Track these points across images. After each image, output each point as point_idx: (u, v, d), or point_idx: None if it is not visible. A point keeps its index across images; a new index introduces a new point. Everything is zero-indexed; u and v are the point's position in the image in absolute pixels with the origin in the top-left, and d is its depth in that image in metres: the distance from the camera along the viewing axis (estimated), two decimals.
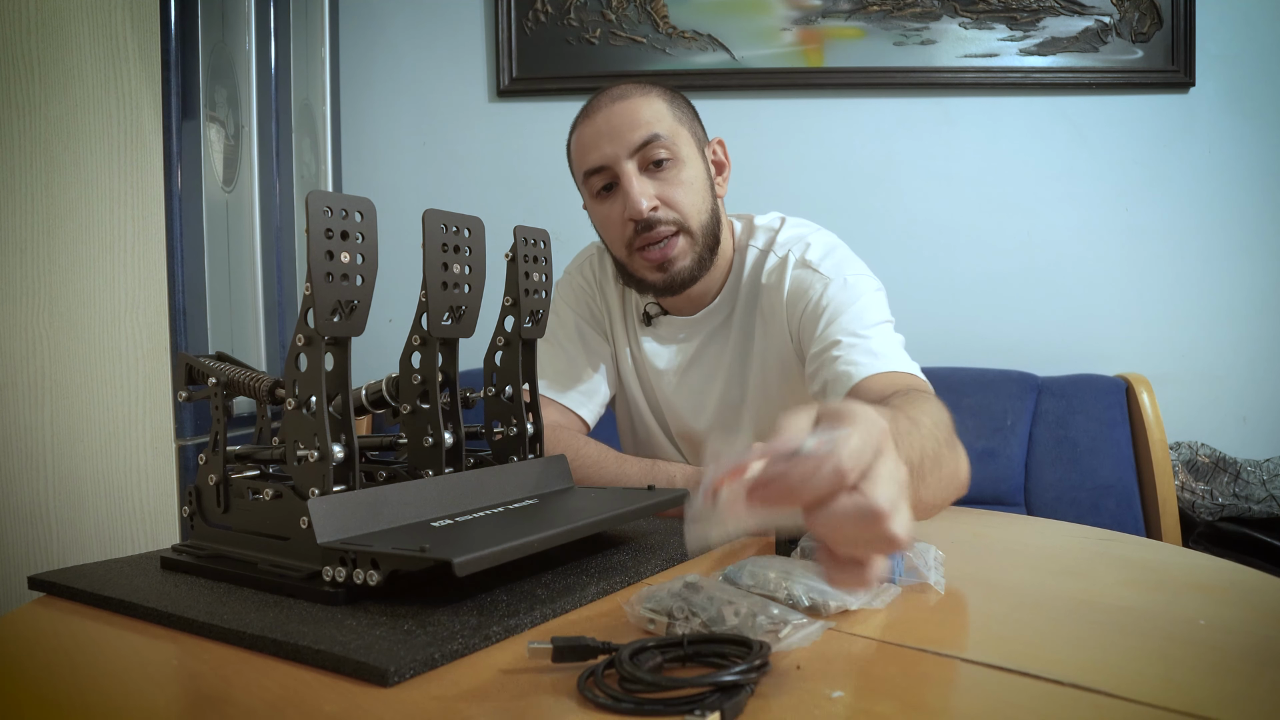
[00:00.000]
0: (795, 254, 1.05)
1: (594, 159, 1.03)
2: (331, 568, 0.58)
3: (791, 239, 1.08)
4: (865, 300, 1.00)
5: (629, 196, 1.00)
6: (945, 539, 0.78)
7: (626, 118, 1.01)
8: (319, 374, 0.61)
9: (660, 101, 1.04)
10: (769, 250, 1.08)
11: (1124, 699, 0.43)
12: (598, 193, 1.05)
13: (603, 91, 1.06)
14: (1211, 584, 0.67)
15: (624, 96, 1.03)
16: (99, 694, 0.47)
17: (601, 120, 1.02)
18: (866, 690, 0.45)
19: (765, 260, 1.08)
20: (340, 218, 0.59)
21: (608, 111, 1.02)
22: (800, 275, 1.04)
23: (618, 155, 1.01)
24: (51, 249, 1.31)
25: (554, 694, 0.45)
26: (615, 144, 1.01)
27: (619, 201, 1.02)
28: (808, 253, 1.05)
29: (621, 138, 1.01)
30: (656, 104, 1.03)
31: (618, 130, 1.01)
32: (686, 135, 1.05)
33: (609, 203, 1.04)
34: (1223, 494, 1.64)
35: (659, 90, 1.05)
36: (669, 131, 1.02)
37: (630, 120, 1.01)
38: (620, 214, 1.02)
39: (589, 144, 1.03)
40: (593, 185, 1.05)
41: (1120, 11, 1.84)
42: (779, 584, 0.58)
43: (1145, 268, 1.87)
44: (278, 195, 1.63)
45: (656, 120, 1.02)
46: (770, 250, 1.08)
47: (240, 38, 1.52)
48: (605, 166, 1.02)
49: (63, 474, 1.31)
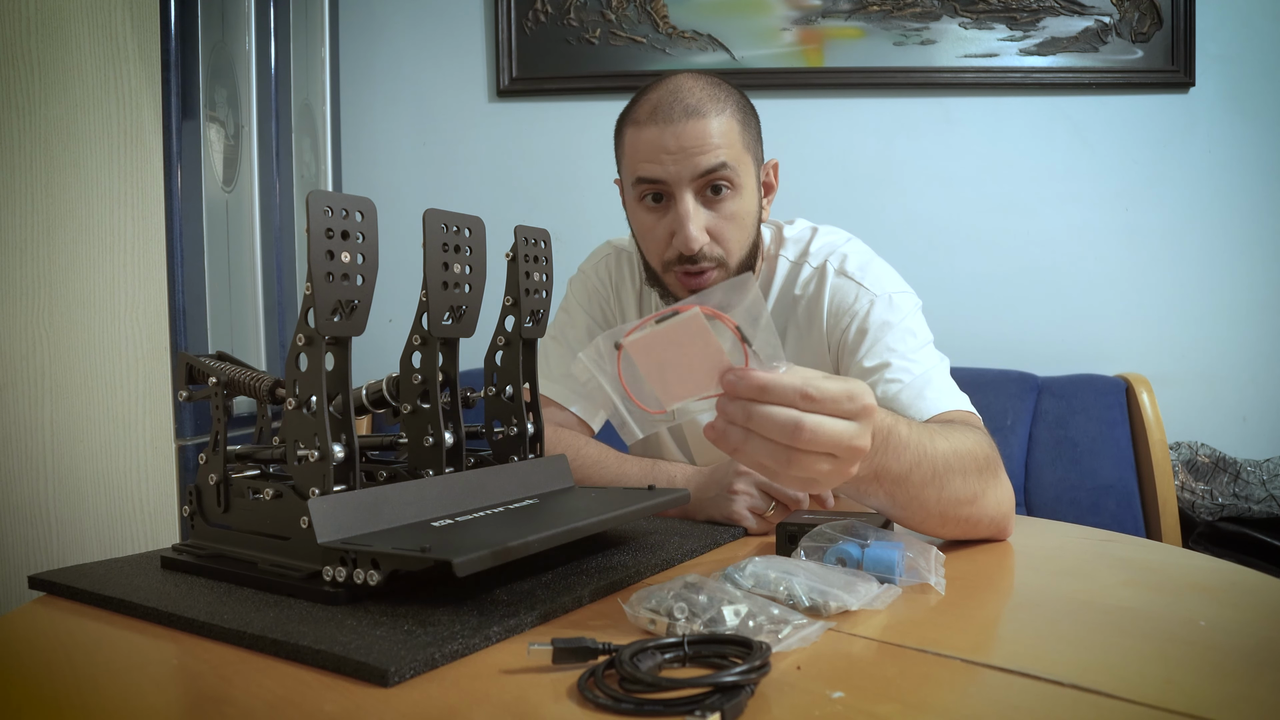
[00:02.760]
0: (833, 264, 1.03)
1: (652, 171, 0.96)
2: (332, 568, 0.58)
3: (825, 248, 1.06)
4: (910, 321, 0.98)
5: (683, 228, 0.95)
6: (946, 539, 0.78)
7: (698, 139, 0.93)
8: (319, 374, 0.61)
9: (734, 121, 0.96)
10: (803, 261, 1.06)
11: (1124, 700, 0.43)
12: (643, 198, 0.99)
13: (671, 89, 0.97)
14: (1211, 584, 0.67)
15: (699, 113, 0.94)
16: (99, 694, 0.47)
17: (671, 135, 0.94)
18: (866, 691, 0.45)
19: (799, 271, 1.05)
20: (340, 217, 0.59)
21: (679, 128, 0.94)
22: (841, 285, 1.02)
23: (680, 178, 0.94)
24: (51, 249, 1.31)
25: (554, 694, 0.45)
26: (680, 165, 0.94)
27: (667, 218, 0.97)
28: (846, 264, 1.03)
29: (688, 161, 0.94)
30: (730, 125, 0.96)
31: (686, 152, 0.94)
32: (750, 161, 0.99)
33: (654, 213, 0.99)
34: (1223, 494, 1.64)
35: (734, 104, 0.98)
36: (735, 159, 0.95)
37: (701, 143, 0.93)
38: (666, 230, 0.97)
39: (648, 152, 0.96)
40: (640, 190, 0.99)
41: (1120, 11, 1.84)
42: (779, 584, 0.58)
43: (1145, 268, 1.87)
44: (278, 195, 1.63)
45: (727, 146, 0.95)
46: (804, 261, 1.06)
47: (240, 38, 1.52)
48: (663, 182, 0.96)
49: (63, 474, 1.31)
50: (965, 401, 0.92)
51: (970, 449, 0.74)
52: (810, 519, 0.71)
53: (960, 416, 0.89)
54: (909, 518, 0.73)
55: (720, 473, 0.86)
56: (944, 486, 0.70)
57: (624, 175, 1.03)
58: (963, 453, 0.73)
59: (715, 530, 0.81)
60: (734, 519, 0.83)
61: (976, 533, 0.77)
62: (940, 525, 0.74)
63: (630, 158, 0.99)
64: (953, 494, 0.71)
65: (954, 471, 0.71)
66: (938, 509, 0.71)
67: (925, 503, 0.70)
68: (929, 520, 0.73)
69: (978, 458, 0.74)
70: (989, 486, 0.75)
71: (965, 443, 0.74)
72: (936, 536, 0.77)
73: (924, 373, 0.94)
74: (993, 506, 0.76)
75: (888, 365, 0.94)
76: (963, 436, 0.75)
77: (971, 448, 0.74)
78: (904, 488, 0.68)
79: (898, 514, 0.72)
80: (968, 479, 0.72)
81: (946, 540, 0.78)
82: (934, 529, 0.75)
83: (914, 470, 0.67)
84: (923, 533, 0.76)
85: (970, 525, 0.75)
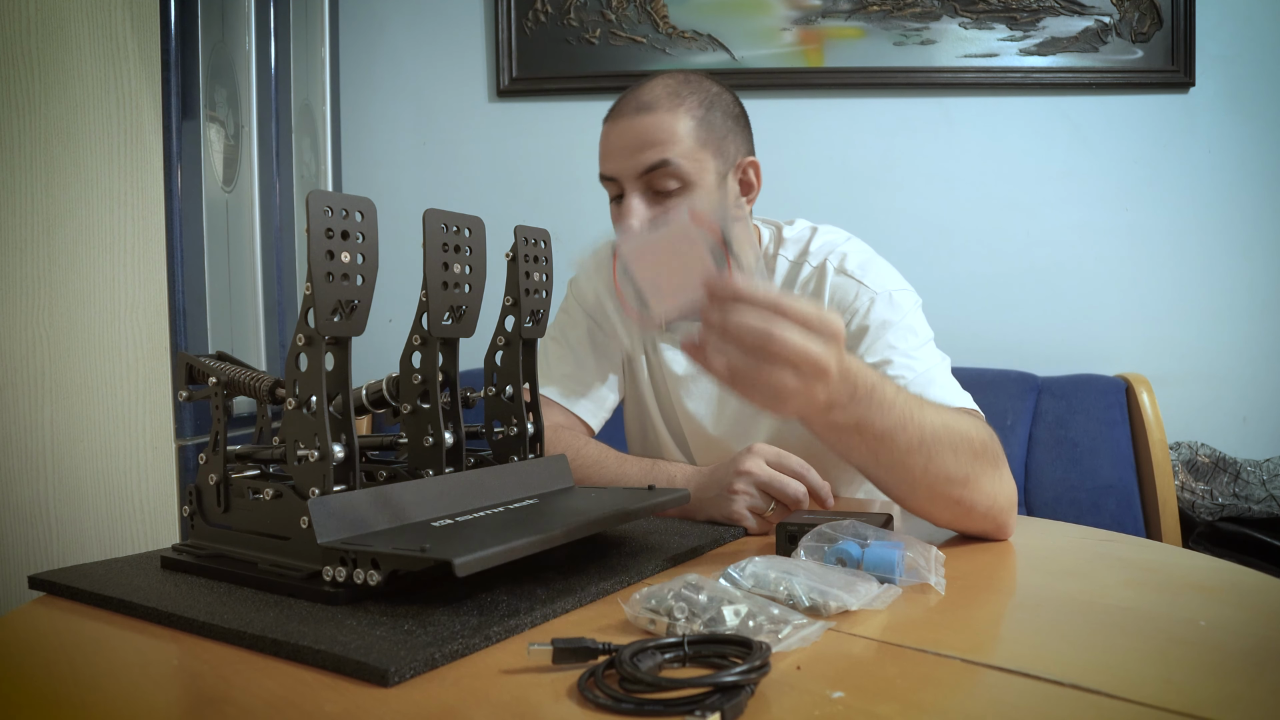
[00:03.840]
0: (833, 262, 1.03)
1: (604, 168, 0.99)
2: (332, 568, 0.58)
3: (824, 247, 1.06)
4: (910, 319, 0.99)
5: (625, 223, 0.96)
6: (946, 539, 0.78)
7: (641, 135, 0.95)
8: (319, 374, 0.61)
9: (688, 119, 0.96)
10: (802, 260, 1.06)
11: (1124, 700, 0.43)
12: (613, 197, 1.01)
13: (637, 87, 1.00)
14: (1211, 584, 0.67)
15: (649, 108, 0.96)
16: (99, 694, 0.47)
17: (618, 131, 0.97)
18: (866, 690, 0.45)
19: (799, 270, 1.06)
20: (340, 217, 0.59)
21: (627, 123, 0.96)
22: (841, 283, 1.02)
23: (623, 174, 0.97)
24: (51, 249, 1.31)
25: (554, 694, 0.45)
26: (623, 162, 0.96)
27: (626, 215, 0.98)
28: (845, 262, 1.03)
29: (630, 157, 0.96)
30: (683, 121, 0.95)
31: (629, 148, 0.96)
32: (709, 158, 0.97)
33: (617, 211, 1.01)
34: (1223, 494, 1.64)
35: (696, 100, 0.97)
36: (686, 155, 0.95)
37: (643, 139, 0.95)
38: None
39: (603, 150, 0.99)
40: (608, 188, 1.02)
41: (1120, 11, 1.84)
42: (779, 584, 0.58)
43: (1145, 268, 1.87)
44: (278, 195, 1.63)
45: (673, 142, 0.95)
46: (804, 260, 1.06)
47: (240, 38, 1.52)
48: (614, 179, 0.98)
49: (63, 474, 1.31)
50: (968, 400, 0.92)
51: (965, 430, 0.74)
52: (810, 519, 0.70)
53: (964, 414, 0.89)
54: (895, 485, 0.73)
55: (720, 473, 0.86)
56: (931, 458, 0.70)
57: None
58: (955, 430, 0.72)
59: (715, 530, 0.81)
60: (734, 519, 0.83)
61: (971, 521, 0.76)
62: (930, 502, 0.74)
63: (600, 153, 1.02)
64: (942, 468, 0.71)
65: (943, 445, 0.70)
66: (925, 481, 0.71)
67: (911, 470, 0.70)
68: (917, 492, 0.73)
69: (972, 440, 0.74)
70: (984, 473, 0.74)
71: (960, 423, 0.74)
72: (929, 519, 0.76)
73: (926, 370, 0.94)
74: (988, 495, 0.75)
75: (889, 363, 0.94)
76: (958, 417, 0.75)
77: (966, 430, 0.74)
78: (888, 448, 0.68)
79: (884, 478, 0.72)
80: (959, 458, 0.72)
81: (942, 528, 0.78)
82: (923, 506, 0.75)
83: (899, 432, 0.68)
84: (914, 512, 0.76)
85: (963, 511, 0.75)
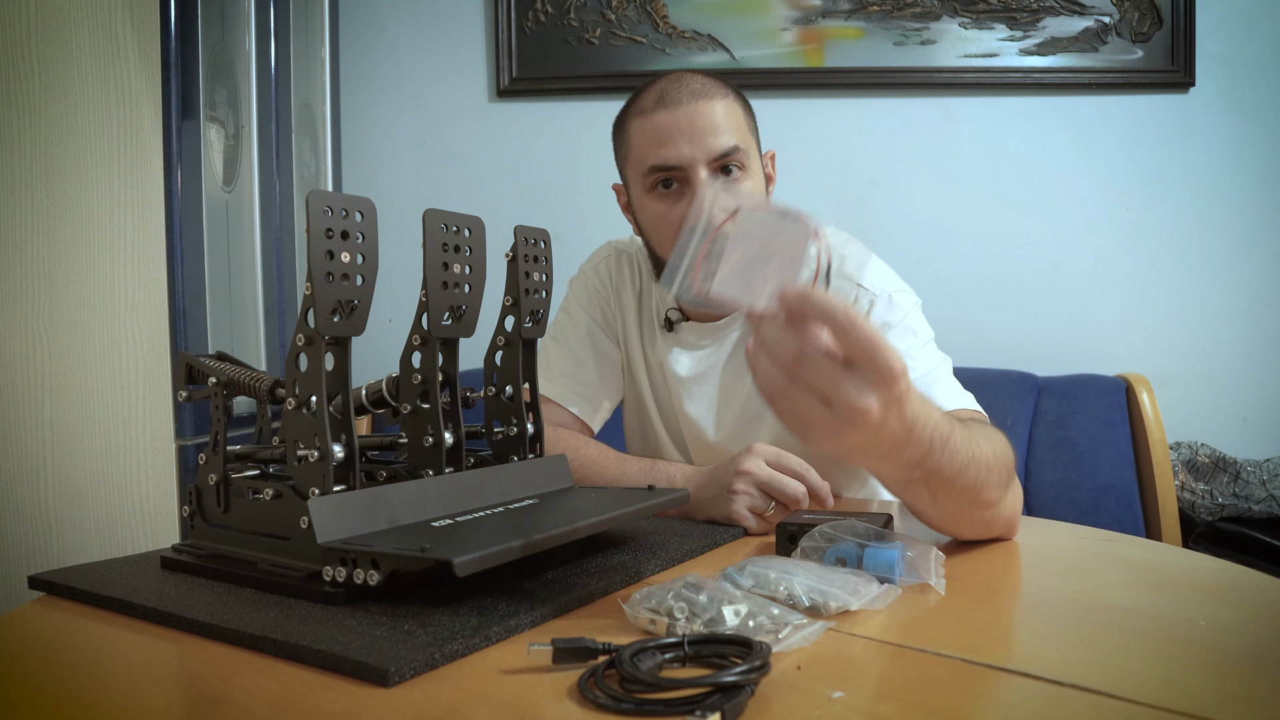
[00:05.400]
0: (833, 266, 1.03)
1: (667, 156, 0.96)
2: (331, 568, 0.58)
3: None
4: (910, 320, 0.98)
5: (741, 188, 0.95)
6: (946, 540, 0.78)
7: (710, 120, 0.95)
8: (319, 374, 0.61)
9: (738, 107, 0.98)
10: None
11: (1124, 699, 0.43)
12: (654, 188, 0.99)
13: (673, 79, 0.99)
14: (1211, 584, 0.67)
15: (706, 95, 0.96)
16: (99, 694, 0.47)
17: (683, 116, 0.95)
18: (866, 690, 0.45)
19: None
20: (340, 217, 0.59)
21: (691, 109, 0.95)
22: (840, 286, 1.02)
23: (695, 160, 0.95)
24: (51, 249, 1.31)
25: (554, 694, 0.45)
26: (695, 147, 0.94)
27: (681, 204, 0.97)
28: (844, 264, 1.03)
29: (703, 142, 0.95)
30: (736, 109, 0.97)
31: (701, 133, 0.95)
32: (755, 147, 1.01)
33: (666, 200, 0.98)
34: (1223, 494, 1.64)
35: (736, 93, 1.00)
36: (744, 143, 0.97)
37: (714, 124, 0.95)
38: (680, 217, 0.97)
39: (662, 137, 0.96)
40: (651, 179, 0.98)
41: (1120, 11, 1.84)
42: (779, 584, 0.58)
43: (1145, 268, 1.87)
44: (278, 195, 1.63)
45: (737, 129, 0.96)
46: None
47: (240, 38, 1.52)
48: (679, 167, 0.96)
49: (63, 474, 1.32)
50: (971, 400, 0.92)
51: (1003, 454, 0.73)
52: (810, 519, 0.70)
53: (968, 415, 0.88)
54: (938, 518, 0.72)
55: (720, 473, 0.86)
56: (980, 492, 0.68)
57: (630, 169, 1.03)
58: (999, 458, 0.71)
59: (715, 530, 0.81)
60: (734, 519, 0.83)
61: (990, 533, 0.76)
62: (967, 527, 0.74)
63: (639, 147, 0.99)
64: (985, 498, 0.70)
65: (992, 476, 0.69)
66: (968, 512, 0.71)
67: (959, 506, 0.69)
68: (958, 522, 0.72)
69: (1007, 463, 0.73)
70: (1009, 490, 0.74)
71: (999, 447, 0.73)
72: (951, 535, 0.76)
73: (929, 371, 0.94)
74: (1010, 509, 0.75)
75: None
76: (995, 440, 0.73)
77: (1003, 453, 0.73)
78: (949, 493, 0.66)
79: (932, 515, 0.72)
80: (1000, 487, 0.71)
81: (952, 539, 0.77)
82: (952, 527, 0.74)
83: (960, 476, 0.65)
84: (937, 529, 0.76)
85: (986, 526, 0.75)
